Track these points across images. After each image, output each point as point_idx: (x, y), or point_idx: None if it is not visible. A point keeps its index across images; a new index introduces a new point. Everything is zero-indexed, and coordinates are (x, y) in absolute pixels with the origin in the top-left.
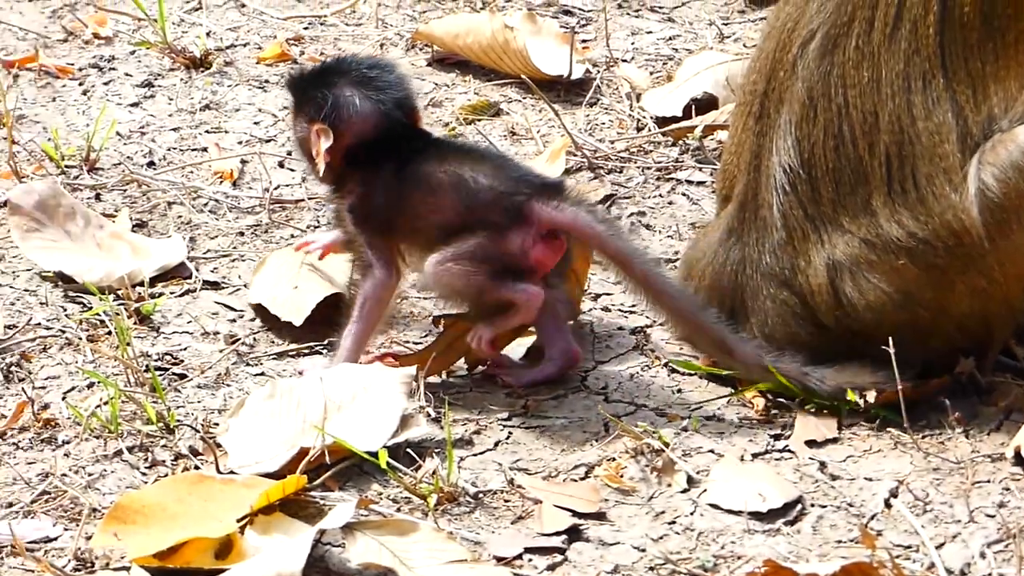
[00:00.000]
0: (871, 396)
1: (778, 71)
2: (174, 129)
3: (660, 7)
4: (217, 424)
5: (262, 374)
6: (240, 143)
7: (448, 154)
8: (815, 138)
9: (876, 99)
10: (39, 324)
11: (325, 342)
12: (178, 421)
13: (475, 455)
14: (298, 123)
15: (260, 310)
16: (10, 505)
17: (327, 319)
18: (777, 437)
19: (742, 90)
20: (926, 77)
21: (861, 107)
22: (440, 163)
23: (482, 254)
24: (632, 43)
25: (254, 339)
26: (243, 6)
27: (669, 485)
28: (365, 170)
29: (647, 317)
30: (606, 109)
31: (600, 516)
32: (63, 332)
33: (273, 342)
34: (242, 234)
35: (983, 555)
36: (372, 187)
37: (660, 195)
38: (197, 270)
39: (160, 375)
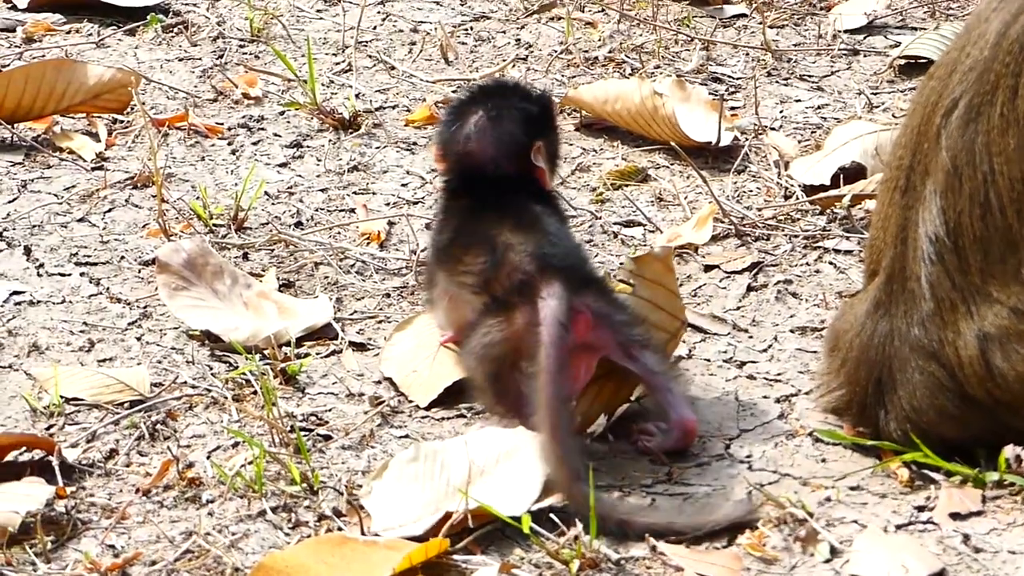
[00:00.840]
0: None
1: (922, 143)
2: (322, 190)
3: (809, 75)
4: (361, 486)
5: (406, 436)
6: (388, 205)
7: (513, 215)
8: (961, 207)
9: (1023, 165)
10: (185, 383)
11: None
12: (322, 482)
13: None
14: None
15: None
16: (153, 563)
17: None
18: (921, 508)
19: (888, 166)
20: None
21: (1008, 174)
22: (494, 222)
23: (498, 340)
24: (781, 111)
25: (398, 401)
26: (392, 68)
27: (812, 555)
28: (455, 196)
29: (792, 386)
30: (754, 177)
31: None
32: (209, 391)
33: (417, 406)
34: (388, 296)
35: None
36: (445, 214)
37: (807, 263)
38: (343, 331)
39: (305, 436)
